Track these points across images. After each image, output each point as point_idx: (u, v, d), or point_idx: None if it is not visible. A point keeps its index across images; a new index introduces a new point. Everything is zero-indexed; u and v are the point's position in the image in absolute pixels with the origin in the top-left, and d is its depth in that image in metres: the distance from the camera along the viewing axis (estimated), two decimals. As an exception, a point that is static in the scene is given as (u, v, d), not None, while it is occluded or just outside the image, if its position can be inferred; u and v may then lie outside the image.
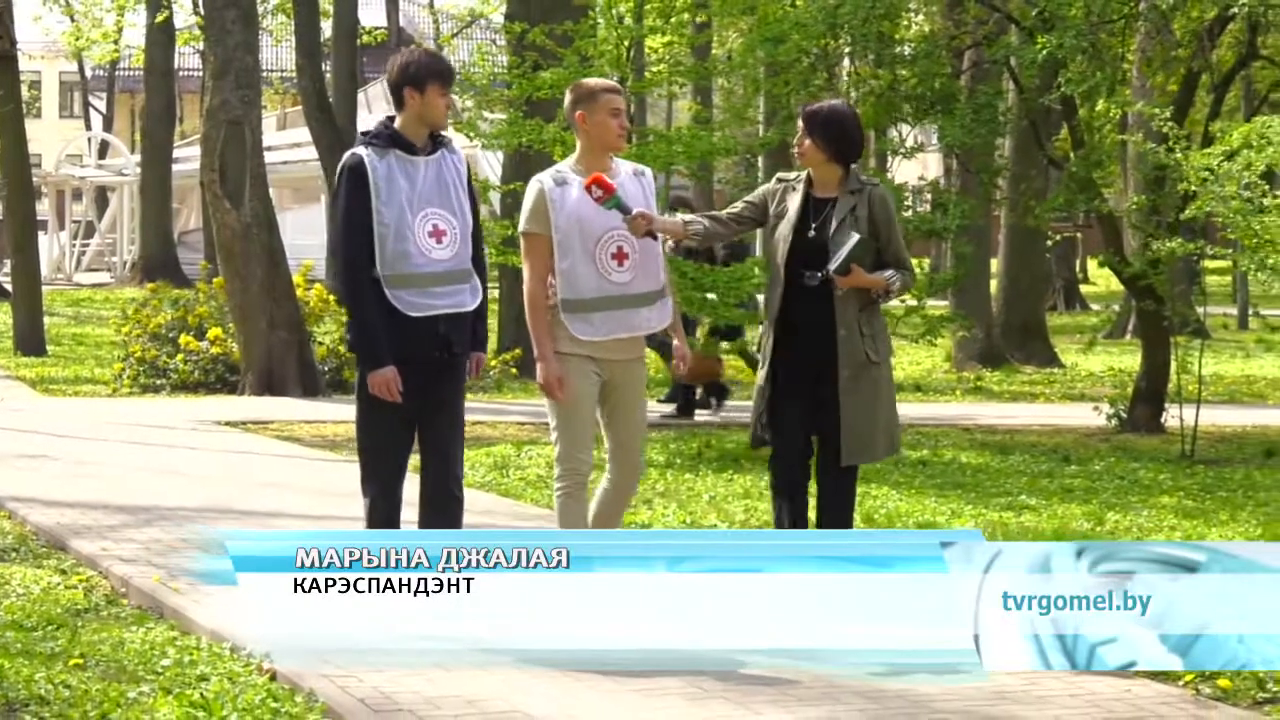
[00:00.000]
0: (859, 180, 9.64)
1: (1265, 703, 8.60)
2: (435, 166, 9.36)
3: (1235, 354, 33.81)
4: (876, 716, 8.12)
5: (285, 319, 24.37)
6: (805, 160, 9.65)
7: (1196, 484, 16.00)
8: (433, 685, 8.63)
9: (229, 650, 9.43)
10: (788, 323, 9.59)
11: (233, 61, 24.60)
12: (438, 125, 9.43)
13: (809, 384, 9.53)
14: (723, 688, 8.47)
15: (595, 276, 9.48)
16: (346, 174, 9.28)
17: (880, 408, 9.58)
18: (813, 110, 9.70)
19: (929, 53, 21.74)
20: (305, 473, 16.69)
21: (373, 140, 9.34)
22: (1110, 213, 21.37)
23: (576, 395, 9.52)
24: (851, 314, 9.45)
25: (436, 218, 9.28)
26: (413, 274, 9.20)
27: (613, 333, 9.53)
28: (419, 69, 9.38)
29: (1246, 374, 30.37)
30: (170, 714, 8.15)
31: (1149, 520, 13.77)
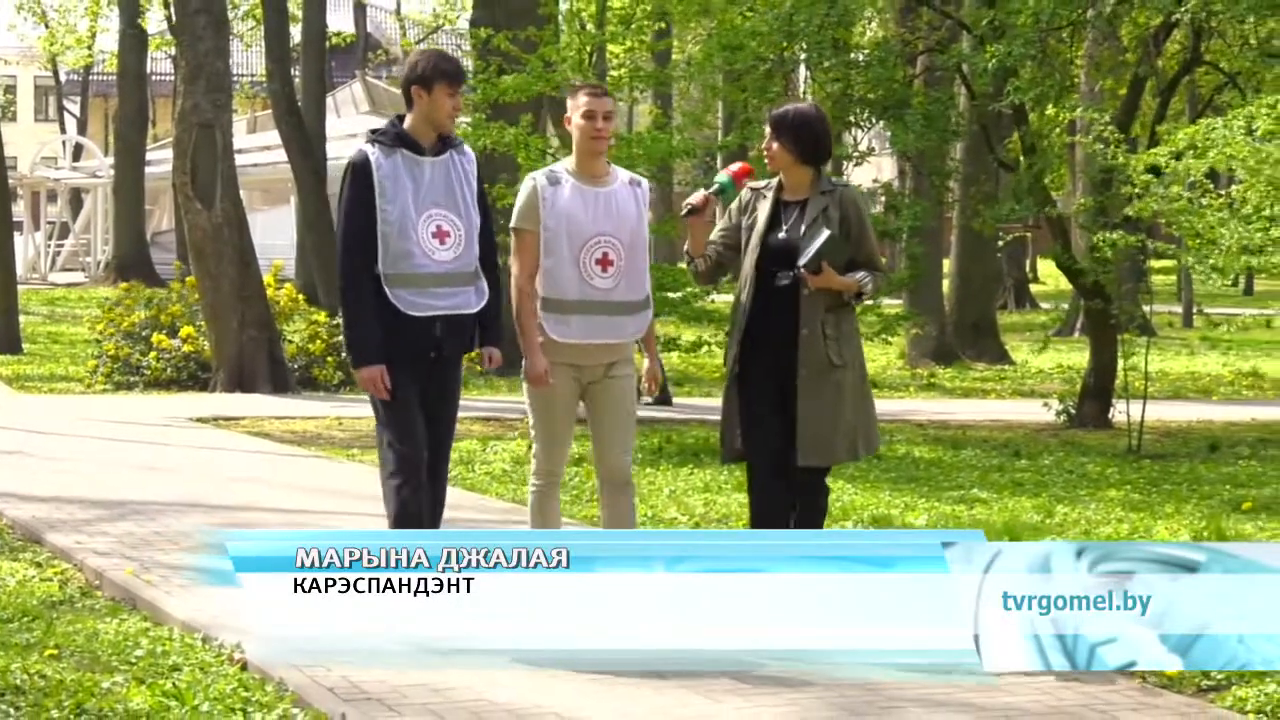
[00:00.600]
0: (829, 182, 9.44)
1: (1209, 690, 8.63)
2: (443, 167, 9.21)
3: (1180, 351, 33.88)
4: (835, 704, 8.12)
5: (256, 318, 24.34)
6: (774, 164, 9.41)
7: (1143, 478, 16.06)
8: (401, 675, 8.62)
9: (201, 641, 9.42)
10: (756, 328, 9.33)
11: (204, 66, 24.56)
12: (442, 126, 9.27)
13: (779, 391, 9.26)
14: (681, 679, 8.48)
15: (577, 279, 9.33)
16: (351, 171, 9.15)
17: (842, 411, 9.24)
18: (780, 113, 9.47)
19: (882, 59, 21.76)
20: (275, 468, 16.67)
21: (379, 138, 9.21)
22: (1059, 214, 21.44)
23: (552, 397, 9.40)
24: (817, 315, 9.18)
25: (441, 219, 9.13)
26: (414, 274, 9.07)
27: (589, 337, 9.37)
28: (426, 68, 9.19)
29: (1191, 370, 30.47)
30: (143, 703, 8.13)
31: (1097, 513, 13.81)
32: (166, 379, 24.62)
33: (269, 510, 13.83)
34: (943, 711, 7.97)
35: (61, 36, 68.39)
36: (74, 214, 61.79)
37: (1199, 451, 18.34)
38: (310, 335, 24.90)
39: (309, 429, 19.99)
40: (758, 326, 9.28)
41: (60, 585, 11.10)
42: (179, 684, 8.48)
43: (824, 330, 9.16)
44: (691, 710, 8.05)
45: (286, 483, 15.48)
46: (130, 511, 13.65)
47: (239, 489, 15.02)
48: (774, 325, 9.21)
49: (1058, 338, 34.25)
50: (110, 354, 25.23)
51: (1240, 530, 12.99)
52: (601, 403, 9.52)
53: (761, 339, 9.27)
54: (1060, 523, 13.34)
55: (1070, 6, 20.54)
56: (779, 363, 9.20)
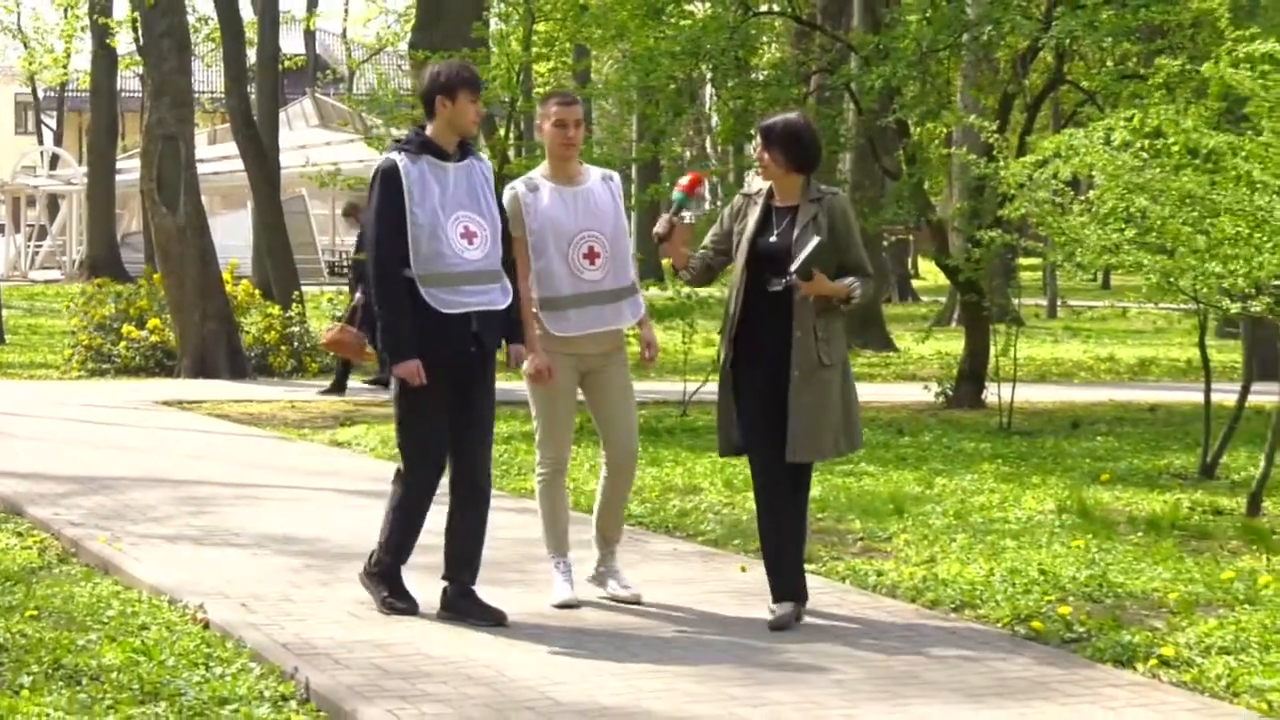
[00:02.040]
0: (819, 189, 9.00)
1: (1071, 642, 8.69)
2: (465, 172, 8.88)
3: (1046, 339, 34.07)
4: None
5: (215, 311, 24.32)
6: (767, 173, 8.99)
7: (1013, 452, 16.13)
8: (347, 631, 8.62)
9: (167, 602, 9.40)
10: (747, 327, 8.92)
11: (168, 84, 24.49)
12: (467, 132, 8.97)
13: (771, 388, 8.83)
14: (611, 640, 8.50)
15: (569, 276, 9.12)
16: (381, 177, 8.77)
17: (830, 408, 8.83)
18: (768, 125, 9.04)
19: (780, 78, 21.83)
20: (234, 446, 16.62)
21: (405, 146, 8.89)
22: (938, 218, 21.54)
23: (555, 388, 9.17)
24: (809, 318, 8.77)
25: (468, 220, 8.80)
26: (446, 273, 8.72)
27: (588, 328, 9.17)
28: (450, 78, 8.82)
29: (1055, 357, 30.64)
30: (114, 659, 8.10)
31: (972, 484, 13.85)
32: (135, 366, 24.58)
33: (228, 485, 13.80)
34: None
35: (39, 57, 67.97)
36: (51, 218, 61.57)
37: (1062, 429, 18.43)
38: (265, 327, 24.86)
39: (264, 411, 19.93)
40: (750, 327, 8.89)
41: (39, 553, 11.06)
42: (147, 641, 8.46)
43: (815, 332, 8.78)
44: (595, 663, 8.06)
45: (244, 460, 15.44)
46: (102, 486, 13.59)
47: (201, 465, 14.98)
48: (766, 326, 8.84)
49: (937, 328, 34.37)
50: (84, 344, 25.15)
51: (1099, 499, 13.07)
52: (602, 390, 9.32)
53: (753, 339, 8.89)
54: (939, 493, 13.39)
55: (947, 33, 20.64)
56: (771, 361, 8.81)
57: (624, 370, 9.40)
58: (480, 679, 7.70)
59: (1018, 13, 19.83)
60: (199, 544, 11.18)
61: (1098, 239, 13.27)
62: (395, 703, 7.27)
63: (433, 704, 7.28)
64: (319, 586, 9.78)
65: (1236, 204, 11.73)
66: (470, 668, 7.89)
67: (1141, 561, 10.55)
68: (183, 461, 15.22)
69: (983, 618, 9.23)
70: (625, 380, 9.41)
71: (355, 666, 7.90)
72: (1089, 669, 8.14)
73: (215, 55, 43.07)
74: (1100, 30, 18.82)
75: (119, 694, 7.55)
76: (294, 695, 7.60)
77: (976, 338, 20.87)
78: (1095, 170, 12.92)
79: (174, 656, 8.18)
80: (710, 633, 8.74)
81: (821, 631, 8.78)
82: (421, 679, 7.68)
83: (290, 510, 12.58)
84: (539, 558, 10.07)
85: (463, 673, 7.80)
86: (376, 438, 16.85)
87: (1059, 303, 44.60)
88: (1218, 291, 13.39)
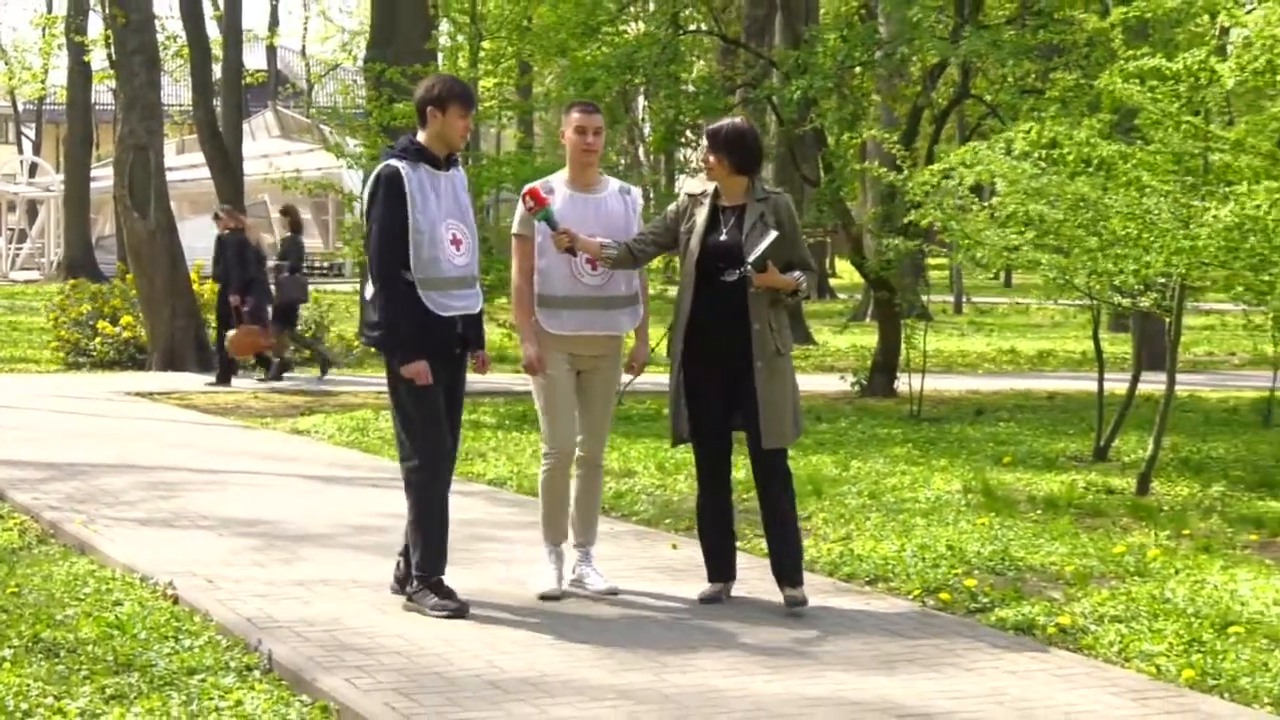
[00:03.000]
0: (764, 189, 8.80)
1: (976, 612, 8.73)
2: (450, 181, 8.60)
3: (952, 333, 34.16)
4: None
5: (184, 309, 24.25)
6: (713, 174, 8.75)
7: (922, 438, 16.19)
8: (307, 607, 8.59)
9: (139, 580, 9.35)
10: (698, 322, 8.60)
11: (139, 98, 24.36)
12: (454, 144, 8.61)
13: (723, 379, 8.65)
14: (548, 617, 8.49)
15: (569, 278, 8.81)
16: (384, 183, 8.43)
17: (788, 395, 8.67)
18: (715, 129, 8.80)
19: (707, 90, 21.93)
20: (201, 434, 16.54)
21: (403, 154, 8.55)
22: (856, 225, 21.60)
23: (554, 380, 8.87)
24: (764, 310, 8.57)
25: (455, 228, 8.51)
26: (440, 277, 8.43)
27: (579, 329, 8.85)
28: (442, 91, 8.53)
29: (961, 349, 30.73)
30: (91, 633, 8.05)
31: (884, 467, 13.90)
32: (110, 361, 24.46)
33: (195, 471, 13.73)
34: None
35: (18, 73, 67.50)
36: (30, 222, 61.18)
37: (967, 416, 18.51)
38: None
39: (229, 402, 19.85)
40: (702, 320, 8.63)
41: (20, 534, 10.98)
42: (120, 616, 8.42)
43: (770, 324, 8.60)
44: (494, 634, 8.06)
45: (210, 448, 15.37)
46: (79, 472, 13.51)
47: (170, 453, 14.91)
48: (718, 318, 8.59)
49: (852, 323, 34.51)
50: (62, 339, 25.00)
51: (1001, 480, 13.13)
52: (587, 392, 9.01)
53: (705, 331, 8.63)
54: (854, 475, 13.42)
55: (862, 49, 20.71)
56: (726, 353, 8.59)
57: (613, 376, 9.12)
58: (431, 650, 7.69)
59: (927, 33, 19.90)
60: (169, 526, 11.12)
61: (998, 240, 13.34)
62: (352, 672, 7.25)
63: (387, 673, 7.26)
64: (281, 565, 9.74)
65: (1127, 207, 11.80)
66: (422, 640, 7.88)
67: (1040, 537, 10.60)
68: (153, 449, 15.14)
69: (895, 590, 9.26)
70: (611, 386, 9.13)
71: (314, 639, 7.87)
72: (993, 637, 8.17)
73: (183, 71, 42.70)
74: (1003, 49, 18.92)
75: (94, 665, 7.51)
76: (257, 665, 7.57)
77: (889, 332, 20.96)
78: (997, 178, 12.99)
79: (145, 630, 8.14)
80: (644, 606, 8.74)
81: (747, 604, 8.79)
82: (376, 651, 7.66)
83: (253, 494, 12.52)
84: (483, 538, 10.09)
85: (415, 645, 7.78)
86: (334, 426, 16.80)
87: (964, 299, 44.74)
88: (1110, 288, 13.49)
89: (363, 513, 11.57)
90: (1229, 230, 10.28)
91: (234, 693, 7.09)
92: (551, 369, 8.87)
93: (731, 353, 8.58)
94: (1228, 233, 10.31)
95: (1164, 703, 7.01)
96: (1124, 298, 13.92)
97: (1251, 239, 10.29)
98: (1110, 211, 12.01)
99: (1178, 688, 7.26)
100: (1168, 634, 7.99)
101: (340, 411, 18.19)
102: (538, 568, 9.06)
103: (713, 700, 6.94)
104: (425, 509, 8.52)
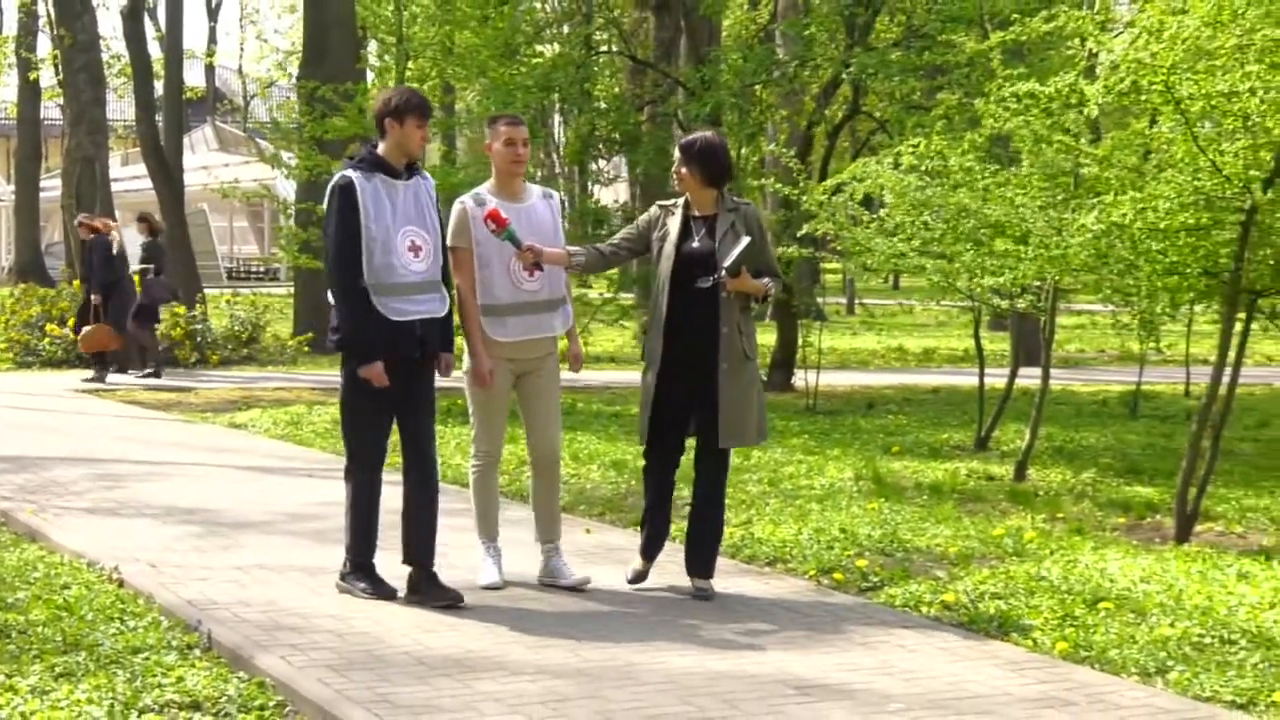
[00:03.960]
0: (733, 200, 8.61)
1: (868, 590, 8.77)
2: (412, 190, 8.30)
3: (845, 332, 34.35)
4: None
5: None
6: (684, 185, 8.54)
7: (818, 429, 16.25)
8: (244, 590, 8.53)
9: (86, 565, 9.26)
10: (674, 325, 8.39)
11: (85, 113, 24.19)
12: (413, 154, 8.32)
13: (692, 380, 8.39)
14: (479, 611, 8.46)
15: (509, 285, 8.62)
16: (338, 193, 8.16)
17: (753, 398, 8.48)
18: (688, 142, 8.63)
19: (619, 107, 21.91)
20: (144, 428, 16.40)
21: (359, 164, 8.28)
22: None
23: (491, 388, 8.68)
24: (734, 315, 8.37)
25: (414, 235, 8.22)
26: (396, 283, 8.16)
27: (524, 334, 8.66)
28: (400, 103, 8.26)
29: (853, 347, 30.90)
30: (41, 615, 7.97)
31: (782, 456, 13.93)
32: (58, 359, 24.20)
33: (139, 462, 13.61)
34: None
35: (-31, 89, 66.75)
36: (-19, 230, 60.57)
37: (859, 409, 18.60)
38: (172, 324, 24.52)
39: (170, 398, 19.69)
40: (677, 324, 8.42)
41: (-27, 523, 10.86)
42: (69, 599, 8.34)
43: (740, 329, 8.40)
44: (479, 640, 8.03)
45: (153, 441, 15.25)
46: (30, 464, 13.37)
47: (116, 446, 14.77)
48: (693, 322, 8.37)
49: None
50: (12, 340, 24.75)
51: (890, 468, 13.19)
52: (533, 392, 8.81)
53: (680, 335, 8.40)
54: (755, 464, 13.44)
55: (761, 68, 20.78)
56: (698, 355, 8.37)
57: (554, 375, 8.93)
58: (362, 630, 7.66)
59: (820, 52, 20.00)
60: (114, 514, 11.02)
61: (887, 248, 13.43)
62: (287, 650, 7.21)
63: (320, 651, 7.23)
64: (220, 551, 9.68)
65: (1005, 219, 11.89)
66: (354, 620, 7.85)
67: (926, 521, 10.67)
68: (100, 442, 15.00)
69: (792, 570, 9.30)
70: (554, 385, 8.94)
71: (252, 620, 7.82)
72: (883, 613, 8.22)
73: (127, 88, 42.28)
74: (890, 68, 19.04)
75: (44, 645, 7.43)
76: (198, 644, 7.51)
77: (787, 331, 21.06)
78: (886, 191, 13.06)
79: (92, 612, 8.06)
80: (561, 589, 8.72)
81: (660, 586, 8.79)
82: (310, 631, 7.62)
83: (194, 484, 12.43)
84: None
85: (347, 624, 7.75)
86: (270, 420, 16.70)
87: (856, 301, 44.98)
88: (989, 291, 13.59)
89: (298, 501, 11.51)
90: (1097, 238, 10.36)
91: (176, 670, 7.03)
92: (494, 378, 8.67)
93: (702, 355, 8.38)
94: (1096, 240, 10.40)
95: (1040, 673, 7.07)
96: (1002, 299, 14.05)
97: (1118, 246, 10.39)
98: (990, 221, 12.11)
99: (1052, 659, 7.32)
100: (1043, 610, 8.06)
101: (276, 407, 18.08)
102: (480, 566, 8.85)
103: (626, 673, 6.95)
104: (357, 500, 8.40)
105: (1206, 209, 9.99)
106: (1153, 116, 10.92)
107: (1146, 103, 10.16)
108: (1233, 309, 10.32)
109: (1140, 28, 10.02)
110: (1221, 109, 9.63)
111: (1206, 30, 9.49)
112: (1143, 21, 10.05)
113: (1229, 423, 11.29)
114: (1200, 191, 9.90)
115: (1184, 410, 18.29)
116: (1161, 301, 11.20)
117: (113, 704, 6.56)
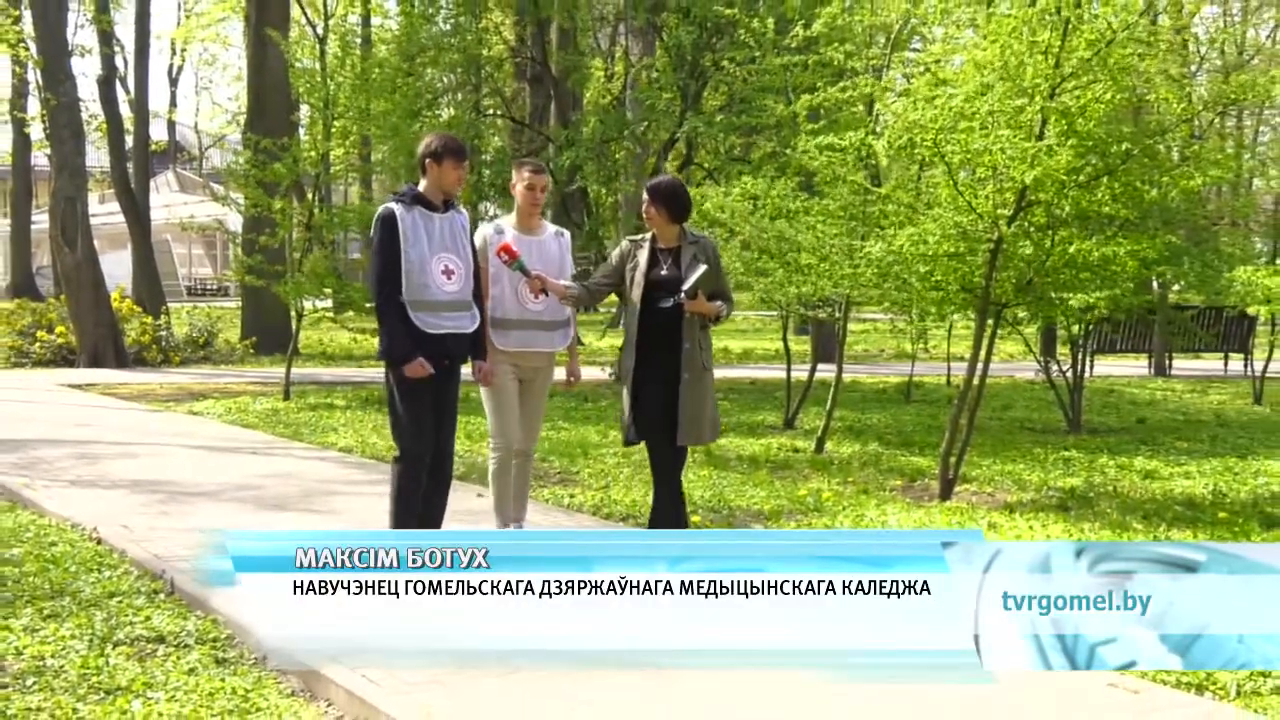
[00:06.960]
0: (693, 234, 8.23)
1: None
2: (448, 222, 7.90)
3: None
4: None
5: (104, 321, 23.61)
6: (651, 222, 8.10)
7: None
8: (200, 546, 8.36)
9: (70, 527, 9.04)
10: (646, 342, 8.07)
11: (68, 161, 23.66)
12: (449, 192, 7.85)
13: (665, 388, 8.00)
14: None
15: (515, 304, 8.36)
16: (382, 222, 7.69)
17: (707, 404, 8.11)
18: (654, 185, 8.14)
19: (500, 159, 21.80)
20: (119, 417, 16.04)
21: (401, 198, 7.88)
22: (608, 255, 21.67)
23: (502, 386, 8.38)
24: (695, 332, 8.04)
25: (448, 260, 7.82)
26: (430, 300, 7.76)
27: (523, 346, 8.39)
28: (438, 147, 7.84)
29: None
30: (32, 567, 7.78)
31: (634, 434, 13.90)
32: (47, 360, 23.73)
33: (113, 444, 13.31)
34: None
35: (-29, 142, 65.07)
36: (-18, 256, 59.16)
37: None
38: (141, 331, 24.19)
39: (141, 390, 19.29)
40: (647, 341, 8.07)
41: (-25, 494, 10.58)
42: (56, 554, 8.15)
43: (699, 344, 8.09)
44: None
45: (124, 426, 14.92)
46: (21, 445, 13.03)
47: (94, 430, 14.44)
48: (660, 339, 8.02)
49: (610, 328, 34.50)
50: (8, 345, 24.26)
51: (718, 445, 13.21)
52: (526, 396, 8.54)
53: (650, 350, 8.04)
54: (611, 441, 13.42)
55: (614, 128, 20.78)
56: (665, 367, 8.02)
57: (546, 385, 8.66)
58: (296, 575, 7.52)
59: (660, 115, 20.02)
60: (93, 486, 10.77)
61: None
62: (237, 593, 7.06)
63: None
64: (181, 516, 9.48)
65: (812, 243, 11.97)
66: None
67: (746, 485, 10.71)
68: (80, 427, 14.65)
69: (640, 524, 9.27)
70: (544, 393, 8.67)
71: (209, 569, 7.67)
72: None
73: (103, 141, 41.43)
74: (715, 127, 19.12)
75: (34, 592, 7.25)
76: (162, 590, 7.36)
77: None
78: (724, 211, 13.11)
79: (75, 565, 7.88)
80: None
81: (533, 537, 8.73)
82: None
83: (159, 461, 12.18)
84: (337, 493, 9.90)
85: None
86: (222, 408, 16.41)
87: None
88: (796, 301, 13.68)
89: (244, 474, 11.30)
90: (880, 261, 10.46)
91: (144, 611, 6.90)
92: (499, 378, 8.39)
93: (668, 367, 8.05)
94: (880, 263, 10.49)
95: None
96: (806, 309, 14.15)
97: (896, 268, 10.49)
98: (800, 245, 12.19)
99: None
100: (839, 553, 8.08)
101: (226, 397, 17.77)
102: None
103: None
104: (402, 491, 7.88)
105: (964, 239, 10.11)
106: (922, 164, 11.05)
107: (919, 154, 10.27)
108: (984, 317, 10.47)
109: (917, 96, 10.13)
110: (976, 161, 9.76)
111: (968, 101, 9.61)
112: (919, 90, 10.16)
113: (981, 405, 11.44)
114: (959, 225, 10.03)
115: (946, 396, 18.54)
116: (930, 311, 11.34)
117: (91, 638, 6.44)
